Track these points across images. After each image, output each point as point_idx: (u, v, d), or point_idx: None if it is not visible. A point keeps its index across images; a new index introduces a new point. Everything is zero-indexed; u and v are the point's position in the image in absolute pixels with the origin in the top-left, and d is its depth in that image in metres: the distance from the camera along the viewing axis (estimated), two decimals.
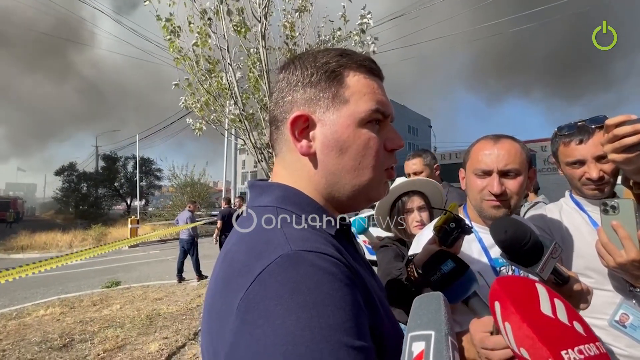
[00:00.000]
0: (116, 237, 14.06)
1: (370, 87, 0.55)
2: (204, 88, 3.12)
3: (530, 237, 0.71)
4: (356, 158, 0.53)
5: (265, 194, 0.55)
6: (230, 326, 0.39)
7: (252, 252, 0.44)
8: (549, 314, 0.43)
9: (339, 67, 0.54)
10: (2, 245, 12.99)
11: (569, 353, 0.39)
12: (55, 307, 4.83)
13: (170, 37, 2.97)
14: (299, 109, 0.54)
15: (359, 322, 0.39)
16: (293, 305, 0.37)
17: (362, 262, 0.56)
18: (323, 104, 0.53)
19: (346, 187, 0.54)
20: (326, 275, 0.40)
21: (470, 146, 1.05)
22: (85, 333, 3.84)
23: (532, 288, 0.47)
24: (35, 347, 3.46)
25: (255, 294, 0.39)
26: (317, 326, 0.36)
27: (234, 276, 0.43)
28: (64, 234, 14.16)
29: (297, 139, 0.53)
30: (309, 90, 0.54)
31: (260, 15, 3.05)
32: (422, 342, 0.39)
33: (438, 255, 0.78)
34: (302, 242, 0.43)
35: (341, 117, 0.53)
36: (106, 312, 4.57)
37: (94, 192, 27.17)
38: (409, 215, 1.57)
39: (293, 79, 0.56)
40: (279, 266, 0.40)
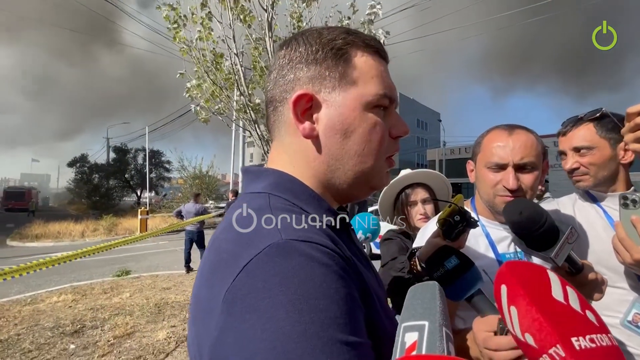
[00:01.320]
0: (126, 228, 14.33)
1: (378, 69, 0.51)
2: (210, 79, 3.11)
3: (546, 220, 0.69)
4: (361, 143, 0.50)
5: (259, 180, 0.52)
6: (215, 319, 0.37)
7: (240, 240, 0.41)
8: (560, 299, 0.41)
9: (346, 44, 0.50)
10: (17, 233, 13.38)
11: (580, 340, 0.37)
12: (68, 294, 4.96)
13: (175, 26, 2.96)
14: (302, 88, 0.50)
15: (354, 316, 0.37)
16: (283, 298, 0.34)
17: (359, 255, 0.54)
18: (329, 83, 0.50)
19: (348, 173, 0.51)
20: (319, 266, 0.37)
21: (481, 136, 0.99)
22: (96, 320, 3.94)
23: (544, 274, 0.44)
24: (49, 332, 3.57)
25: (242, 285, 0.36)
26: (308, 321, 0.33)
27: (220, 266, 0.41)
28: (76, 223, 14.49)
29: (300, 120, 0.49)
30: (313, 68, 0.50)
31: (267, 5, 3.01)
32: (415, 332, 0.37)
33: (442, 251, 0.76)
34: (294, 230, 0.40)
35: (348, 99, 0.49)
36: (116, 300, 4.67)
37: (105, 183, 27.65)
38: (412, 208, 1.54)
39: (296, 55, 0.51)
40: (268, 256, 0.37)
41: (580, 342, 0.37)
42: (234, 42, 2.99)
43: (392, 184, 1.60)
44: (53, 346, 3.28)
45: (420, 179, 1.57)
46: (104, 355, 3.11)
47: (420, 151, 46.46)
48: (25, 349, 3.22)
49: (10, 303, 4.59)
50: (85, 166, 28.28)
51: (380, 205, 1.67)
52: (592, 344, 0.37)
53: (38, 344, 3.32)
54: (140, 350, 3.22)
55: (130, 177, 28.45)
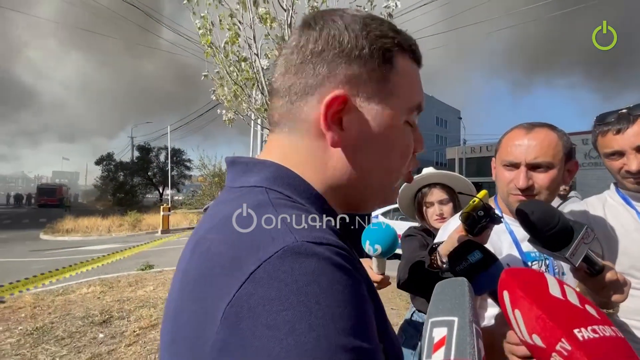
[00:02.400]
0: (149, 224, 14.84)
1: (416, 77, 0.47)
2: (232, 79, 3.18)
3: (559, 220, 0.67)
4: (393, 158, 0.45)
5: (252, 173, 0.44)
6: (211, 339, 0.30)
7: (241, 242, 0.34)
8: (558, 296, 0.42)
9: (395, 46, 0.44)
10: (50, 227, 14.13)
11: (582, 332, 0.36)
12: (96, 286, 5.21)
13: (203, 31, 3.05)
14: (338, 87, 0.42)
15: (370, 321, 0.34)
16: (302, 309, 0.29)
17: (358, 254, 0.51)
18: (369, 88, 0.43)
19: (369, 188, 0.46)
20: (339, 270, 0.32)
21: (503, 134, 1.00)
22: (123, 311, 4.11)
23: (541, 277, 0.45)
24: (79, 322, 3.76)
25: (250, 296, 0.30)
26: (333, 333, 0.29)
27: (214, 274, 0.34)
28: (103, 219, 15.14)
29: (328, 124, 0.42)
30: (355, 67, 0.42)
31: (287, 5, 3.04)
32: (444, 327, 0.36)
33: (465, 245, 0.76)
34: (307, 231, 0.35)
35: (388, 109, 0.43)
36: (141, 293, 4.86)
37: (130, 181, 28.72)
38: (429, 208, 1.53)
39: (334, 45, 0.42)
40: (281, 260, 0.31)
41: (583, 333, 0.36)
42: (254, 42, 3.04)
43: (409, 184, 1.59)
44: (83, 335, 3.45)
45: (437, 180, 1.55)
46: (130, 344, 3.25)
47: (439, 149, 45.50)
48: (59, 336, 3.41)
49: (45, 293, 4.86)
50: (111, 164, 29.48)
51: (400, 203, 1.67)
52: (594, 334, 0.37)
53: (70, 332, 3.51)
54: None
55: (153, 174, 29.43)
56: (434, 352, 0.35)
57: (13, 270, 7.15)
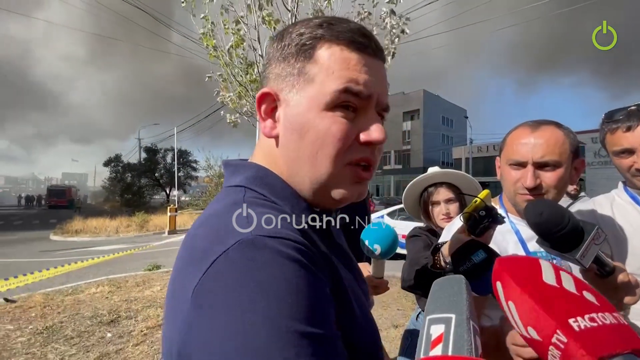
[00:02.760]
0: (157, 224, 14.99)
1: (344, 62, 0.46)
2: (237, 81, 3.20)
3: (569, 220, 0.66)
4: (314, 145, 0.46)
5: (237, 174, 0.51)
6: (184, 314, 0.37)
7: (210, 236, 0.41)
8: (552, 283, 0.39)
9: (313, 39, 0.47)
10: (60, 228, 14.35)
11: (579, 321, 0.34)
12: (105, 286, 5.27)
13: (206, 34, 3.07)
14: (269, 86, 0.50)
15: (321, 310, 0.37)
16: (250, 294, 0.34)
17: (339, 252, 0.53)
18: (289, 81, 0.48)
19: (305, 179, 0.48)
20: (288, 262, 0.37)
21: (507, 133, 0.98)
22: (130, 311, 4.16)
23: (535, 264, 0.43)
24: (88, 321, 3.82)
25: (209, 281, 0.36)
26: (276, 316, 0.33)
27: (190, 262, 0.40)
28: (111, 220, 15.32)
29: (263, 117, 0.50)
30: (279, 65, 0.49)
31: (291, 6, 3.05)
32: (441, 325, 0.37)
33: (469, 245, 0.75)
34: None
35: (304, 98, 0.46)
36: (148, 293, 4.91)
37: (137, 182, 29.02)
38: (435, 207, 1.52)
39: (270, 51, 0.51)
40: (236, 252, 0.36)
41: (579, 322, 0.34)
42: (259, 44, 3.06)
43: (415, 183, 1.59)
44: (92, 334, 3.50)
45: (444, 179, 1.54)
46: (138, 344, 3.28)
47: (445, 149, 45.18)
48: (68, 335, 3.46)
49: (55, 293, 4.94)
50: (119, 166, 29.80)
51: (405, 202, 1.66)
52: (592, 323, 0.34)
53: (79, 331, 3.56)
54: None
55: (160, 175, 29.69)
56: (432, 349, 0.35)
57: (24, 270, 7.28)
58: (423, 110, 44.35)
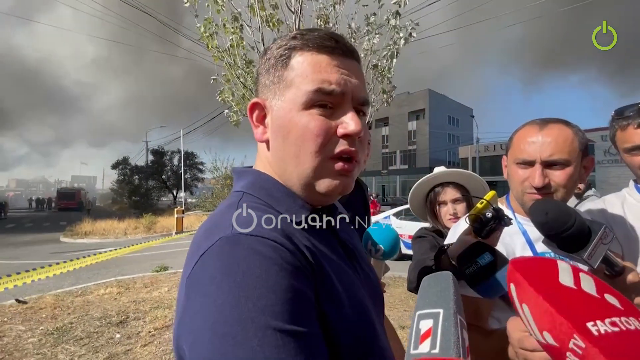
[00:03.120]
0: (164, 226, 15.13)
1: (315, 65, 0.50)
2: (240, 82, 3.22)
3: (575, 220, 0.65)
4: (296, 143, 0.50)
5: (241, 179, 0.57)
6: (181, 302, 0.43)
7: (204, 234, 0.47)
8: (569, 285, 0.37)
9: (287, 49, 0.53)
10: (69, 231, 14.58)
11: (598, 325, 0.32)
12: (113, 287, 5.34)
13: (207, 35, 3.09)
14: (257, 96, 0.56)
15: (294, 306, 0.39)
16: (225, 286, 0.38)
17: (339, 250, 0.55)
18: (272, 89, 0.53)
19: (293, 175, 0.52)
20: (261, 258, 0.40)
21: (514, 131, 0.97)
22: (138, 312, 4.20)
23: (552, 265, 0.41)
24: (97, 322, 3.86)
25: (196, 273, 0.42)
26: (244, 307, 0.37)
27: (189, 256, 0.46)
28: (119, 222, 15.51)
29: (255, 125, 0.56)
30: (264, 77, 0.55)
31: (295, 9, 3.06)
32: (430, 319, 0.37)
33: (475, 247, 0.74)
34: (246, 225, 0.44)
35: (284, 102, 0.52)
36: (156, 294, 4.96)
37: (145, 184, 29.31)
38: (442, 207, 1.50)
39: (259, 65, 0.58)
40: (218, 247, 0.42)
41: (599, 326, 0.32)
42: (262, 46, 3.07)
43: (422, 183, 1.57)
44: (101, 335, 3.54)
45: (450, 179, 1.53)
46: (146, 345, 3.31)
47: (451, 148, 44.83)
48: (78, 336, 3.51)
49: (65, 294, 5.01)
50: (126, 168, 30.15)
51: (411, 203, 1.65)
52: (614, 327, 0.32)
53: (88, 332, 3.61)
54: None
55: (167, 178, 29.96)
56: (421, 343, 0.36)
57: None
58: (428, 110, 44.08)
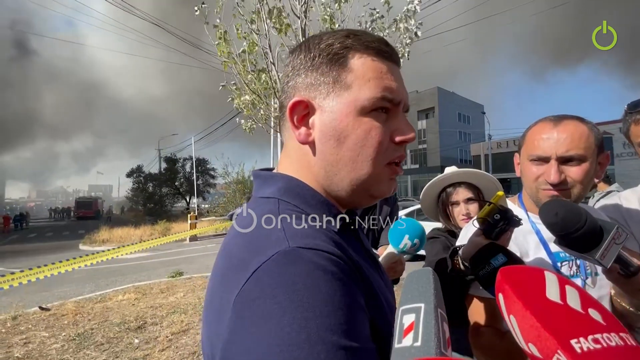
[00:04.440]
0: (178, 232, 15.39)
1: (377, 71, 0.49)
2: (249, 89, 3.26)
3: (586, 220, 0.63)
4: (355, 149, 0.48)
5: (268, 185, 0.53)
6: (226, 322, 0.38)
7: (250, 247, 0.43)
8: (556, 300, 0.38)
9: (344, 49, 0.50)
10: (88, 239, 14.99)
11: (581, 342, 0.33)
12: (131, 293, 5.45)
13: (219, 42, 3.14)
14: (299, 95, 0.51)
15: (358, 322, 0.38)
16: (289, 304, 0.35)
17: (369, 259, 0.54)
18: (324, 89, 0.50)
19: (344, 180, 0.50)
20: (324, 273, 0.38)
21: (527, 128, 0.95)
22: (156, 317, 4.28)
23: (540, 276, 0.41)
24: (116, 328, 3.95)
25: (251, 291, 0.37)
26: (313, 327, 0.34)
27: (231, 271, 0.42)
28: (135, 229, 15.86)
29: (296, 125, 0.51)
30: (310, 75, 0.51)
31: (300, 12, 3.08)
32: (412, 314, 0.38)
33: (489, 248, 0.73)
34: (301, 238, 0.41)
35: (341, 104, 0.49)
36: (172, 299, 5.04)
37: (158, 191, 29.90)
38: (454, 208, 1.48)
39: (297, 62, 0.52)
40: (275, 263, 0.38)
41: (582, 344, 0.33)
42: (270, 51, 3.10)
43: (433, 183, 1.55)
44: (120, 340, 3.62)
45: (462, 178, 1.50)
46: (164, 349, 3.37)
47: (463, 146, 44.16)
48: (98, 341, 3.59)
49: (85, 301, 5.15)
50: (141, 176, 30.84)
51: (422, 203, 1.63)
52: (596, 344, 0.33)
53: (108, 337, 3.69)
54: (195, 346, 3.44)
55: (179, 184, 30.48)
56: (404, 337, 0.37)
57: (57, 279, 7.62)
58: (438, 108, 43.57)
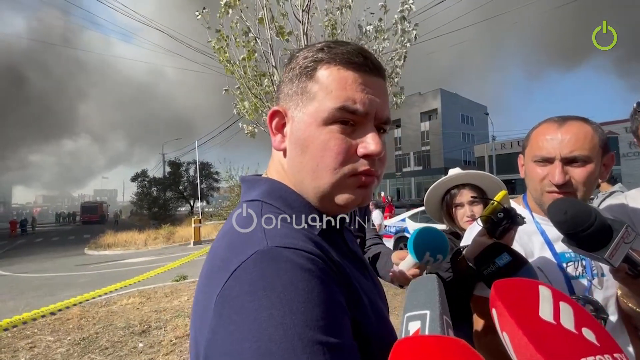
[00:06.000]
0: (182, 236, 15.45)
1: (341, 82, 0.49)
2: (252, 93, 3.28)
3: (596, 218, 0.63)
4: (314, 159, 0.49)
5: (253, 188, 0.56)
6: (209, 321, 0.39)
7: (231, 247, 0.44)
8: (549, 319, 0.38)
9: (314, 61, 0.51)
10: (93, 243, 15.09)
11: None
12: (135, 297, 5.47)
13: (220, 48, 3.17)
14: (279, 104, 0.55)
15: (336, 319, 0.38)
16: (266, 301, 0.36)
17: (353, 260, 0.55)
18: (295, 100, 0.53)
19: (308, 188, 0.52)
20: (302, 271, 0.39)
21: (531, 129, 0.95)
22: (160, 321, 4.29)
23: (534, 291, 0.41)
24: (121, 332, 3.96)
25: (231, 289, 0.38)
26: (290, 323, 0.35)
27: (214, 271, 0.43)
28: (140, 233, 15.94)
29: (274, 132, 0.55)
30: (288, 86, 0.54)
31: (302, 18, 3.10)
32: (417, 321, 0.39)
33: (494, 248, 0.73)
34: (280, 238, 0.43)
35: (306, 114, 0.51)
36: (176, 303, 5.05)
37: (163, 195, 30.05)
38: (458, 209, 1.47)
39: (283, 74, 0.57)
40: (254, 262, 0.39)
41: None
42: (272, 55, 3.12)
43: (437, 185, 1.55)
44: (125, 344, 3.63)
45: (466, 180, 1.50)
46: (168, 354, 3.37)
47: (466, 148, 43.97)
48: (102, 346, 3.60)
49: (90, 305, 5.17)
50: (145, 180, 31.02)
51: (426, 205, 1.62)
52: None
53: (112, 341, 3.70)
54: None
55: (183, 188, 30.63)
56: None
57: (63, 283, 7.69)
58: (441, 110, 43.48)
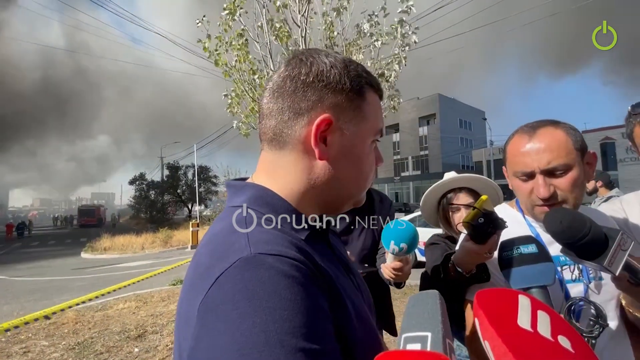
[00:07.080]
0: (180, 239, 15.38)
1: (379, 107, 0.59)
2: (250, 96, 3.29)
3: (590, 228, 0.63)
4: (364, 170, 0.57)
5: (239, 194, 0.55)
6: (192, 329, 0.39)
7: (214, 254, 0.44)
8: (526, 327, 0.38)
9: (366, 83, 0.56)
10: (90, 247, 14.98)
11: None
12: (132, 301, 5.42)
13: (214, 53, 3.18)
14: (325, 112, 0.52)
15: (318, 325, 0.39)
16: (249, 309, 0.36)
17: (338, 264, 0.56)
18: (348, 113, 0.54)
19: (346, 193, 0.57)
20: (285, 278, 0.39)
21: (505, 143, 0.92)
22: (156, 325, 4.25)
23: (514, 300, 0.42)
24: (116, 336, 3.92)
25: (214, 297, 0.38)
26: (272, 330, 0.35)
27: (196, 279, 0.43)
28: (137, 236, 15.84)
29: (317, 141, 0.52)
30: (339, 97, 0.53)
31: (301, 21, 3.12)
32: (417, 343, 0.37)
33: (527, 238, 0.75)
34: (263, 244, 0.42)
35: (361, 131, 0.55)
36: (173, 307, 5.00)
37: (161, 199, 29.96)
38: (455, 213, 1.47)
39: (322, 78, 0.52)
40: (237, 269, 0.39)
41: None
42: (270, 60, 3.14)
43: (433, 189, 1.55)
44: (120, 349, 3.59)
45: (463, 184, 1.50)
46: (164, 358, 3.33)
47: (464, 152, 44.13)
48: (98, 350, 3.56)
49: (85, 309, 5.12)
50: (143, 184, 30.94)
51: (422, 209, 1.62)
52: None
53: (108, 346, 3.66)
54: None
55: (182, 192, 30.53)
56: None
57: (59, 287, 7.62)
58: (439, 115, 43.69)
